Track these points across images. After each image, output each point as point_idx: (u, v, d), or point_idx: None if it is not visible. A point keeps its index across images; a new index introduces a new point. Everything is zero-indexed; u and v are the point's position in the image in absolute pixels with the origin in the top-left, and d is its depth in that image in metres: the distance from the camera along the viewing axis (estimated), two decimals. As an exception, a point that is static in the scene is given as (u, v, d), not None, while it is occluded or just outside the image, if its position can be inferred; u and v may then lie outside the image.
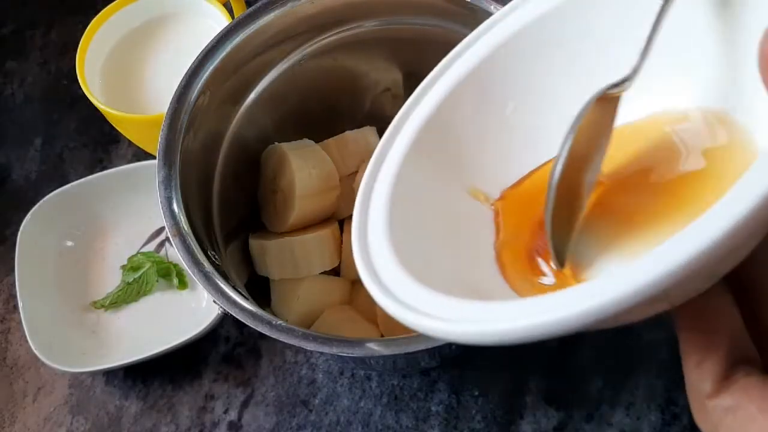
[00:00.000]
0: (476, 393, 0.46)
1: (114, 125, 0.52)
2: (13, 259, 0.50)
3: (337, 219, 0.47)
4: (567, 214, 0.24)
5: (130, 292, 0.51)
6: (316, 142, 0.46)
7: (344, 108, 0.49)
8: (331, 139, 0.47)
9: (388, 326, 0.43)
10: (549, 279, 0.25)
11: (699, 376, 0.21)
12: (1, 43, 0.66)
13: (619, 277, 0.17)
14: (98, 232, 0.54)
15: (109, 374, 0.50)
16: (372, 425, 0.46)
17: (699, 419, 0.22)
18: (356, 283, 0.47)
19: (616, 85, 0.25)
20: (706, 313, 0.21)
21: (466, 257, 0.26)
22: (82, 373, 0.50)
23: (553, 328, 0.18)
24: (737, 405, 0.20)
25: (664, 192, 0.25)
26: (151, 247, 0.53)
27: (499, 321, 0.19)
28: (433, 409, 0.46)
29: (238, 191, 0.45)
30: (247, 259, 0.45)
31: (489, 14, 0.40)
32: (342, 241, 0.46)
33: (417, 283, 0.23)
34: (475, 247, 0.27)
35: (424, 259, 0.25)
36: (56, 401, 0.49)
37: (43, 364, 0.47)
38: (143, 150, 0.57)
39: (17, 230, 0.51)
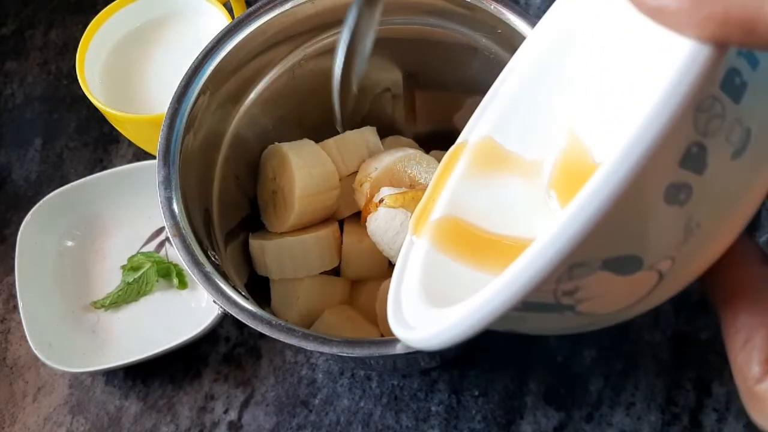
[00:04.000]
0: (476, 393, 0.46)
1: (114, 125, 0.52)
2: (13, 259, 0.50)
3: (337, 219, 0.47)
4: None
5: (130, 292, 0.51)
6: (316, 142, 0.46)
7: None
8: (331, 139, 0.47)
9: (388, 326, 0.43)
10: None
11: (746, 358, 0.19)
12: (1, 43, 0.66)
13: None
14: (98, 232, 0.54)
15: (109, 374, 0.50)
16: (372, 425, 0.46)
17: (752, 408, 0.19)
18: (356, 283, 0.47)
19: None
20: (744, 288, 0.19)
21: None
22: (82, 373, 0.50)
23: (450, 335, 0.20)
24: None
25: None
26: (151, 247, 0.53)
27: (424, 328, 0.22)
28: (433, 409, 0.46)
29: (238, 191, 0.45)
30: (247, 259, 0.45)
31: (488, 14, 0.40)
32: (342, 241, 0.46)
33: (429, 305, 0.25)
34: None
35: (446, 288, 0.27)
36: (56, 401, 0.49)
37: (43, 364, 0.47)
38: (143, 150, 0.57)
39: (17, 230, 0.51)
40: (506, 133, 0.30)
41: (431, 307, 0.24)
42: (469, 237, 0.28)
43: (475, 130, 0.32)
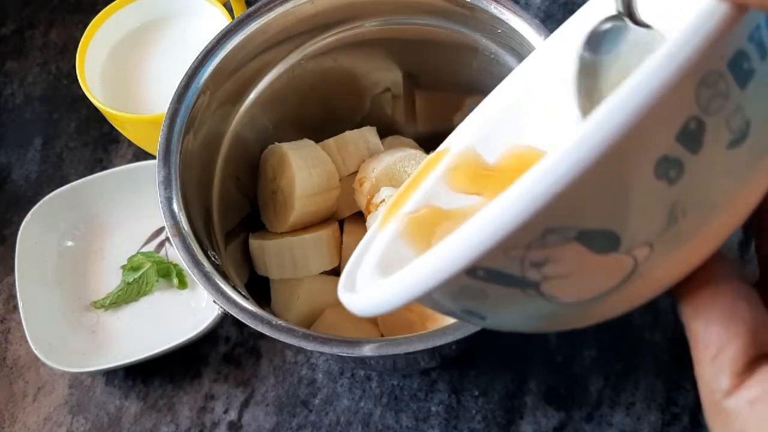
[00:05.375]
0: (476, 393, 0.46)
1: (114, 125, 0.52)
2: (13, 259, 0.50)
3: (337, 219, 0.47)
4: None
5: (130, 292, 0.51)
6: (316, 142, 0.46)
7: (344, 108, 0.49)
8: (331, 139, 0.47)
9: (388, 326, 0.43)
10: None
11: (715, 370, 0.18)
12: (1, 43, 0.66)
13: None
14: (98, 232, 0.54)
15: (109, 374, 0.50)
16: (372, 425, 0.46)
17: (716, 424, 0.18)
18: (356, 283, 0.47)
19: None
20: (720, 300, 0.18)
21: None
22: (82, 373, 0.50)
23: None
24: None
25: None
26: (151, 247, 0.53)
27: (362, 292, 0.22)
28: (433, 409, 0.46)
29: (238, 191, 0.45)
30: (247, 259, 0.45)
31: (488, 14, 0.40)
32: (342, 241, 0.46)
33: (381, 276, 0.25)
34: None
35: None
36: (56, 401, 0.49)
37: (43, 364, 0.47)
38: (143, 150, 0.57)
39: (17, 230, 0.51)
40: (489, 147, 0.30)
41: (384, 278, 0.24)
42: (436, 227, 0.28)
43: (459, 138, 0.31)
